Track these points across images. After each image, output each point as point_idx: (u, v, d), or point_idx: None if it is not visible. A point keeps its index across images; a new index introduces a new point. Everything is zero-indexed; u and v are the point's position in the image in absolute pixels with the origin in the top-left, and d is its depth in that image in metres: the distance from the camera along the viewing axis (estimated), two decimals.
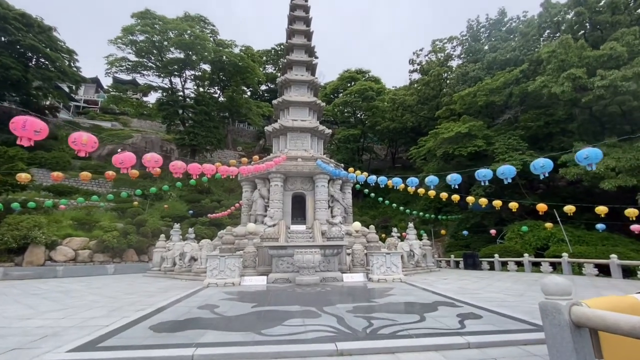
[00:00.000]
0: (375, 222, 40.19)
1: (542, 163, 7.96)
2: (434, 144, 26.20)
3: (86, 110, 62.72)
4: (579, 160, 8.18)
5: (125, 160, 9.23)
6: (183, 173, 11.62)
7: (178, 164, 11.56)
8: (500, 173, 7.68)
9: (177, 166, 11.37)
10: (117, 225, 26.39)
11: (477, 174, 9.05)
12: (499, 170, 7.82)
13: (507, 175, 7.64)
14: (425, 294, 8.39)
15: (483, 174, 8.86)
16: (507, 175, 7.61)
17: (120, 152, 8.10)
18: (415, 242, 16.70)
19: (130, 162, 9.26)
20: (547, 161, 8.22)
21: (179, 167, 11.36)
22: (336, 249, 11.67)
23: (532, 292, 9.22)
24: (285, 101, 21.99)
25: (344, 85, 46.81)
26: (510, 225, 23.98)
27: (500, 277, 14.49)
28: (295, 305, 6.97)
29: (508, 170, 7.57)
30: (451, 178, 10.77)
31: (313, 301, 7.47)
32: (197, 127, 41.92)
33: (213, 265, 10.45)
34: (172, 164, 11.52)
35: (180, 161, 12.08)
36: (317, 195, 18.76)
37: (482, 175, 8.87)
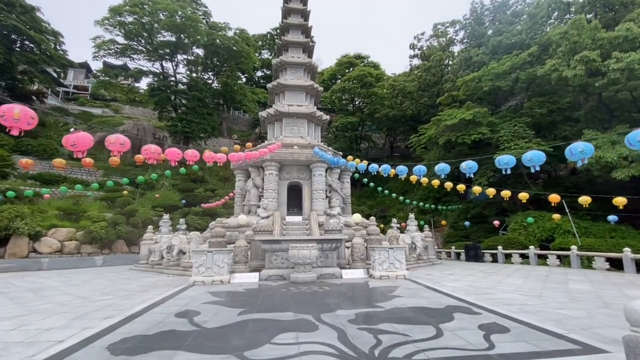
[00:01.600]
0: (374, 212, 39.45)
1: (529, 156, 7.02)
2: (436, 132, 25.17)
3: (76, 96, 60.73)
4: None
5: (79, 142, 7.56)
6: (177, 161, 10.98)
7: (174, 151, 10.83)
8: (528, 160, 6.75)
9: (173, 153, 10.55)
10: (106, 216, 25.35)
11: (498, 160, 8.08)
12: (526, 156, 6.89)
13: (535, 162, 6.72)
14: (435, 296, 7.53)
15: (505, 161, 7.91)
16: (536, 163, 6.69)
17: (73, 132, 6.87)
18: (417, 234, 15.87)
19: (86, 143, 7.63)
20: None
21: (176, 155, 10.59)
22: (335, 243, 10.77)
23: (549, 292, 8.40)
24: (281, 85, 20.75)
25: (342, 71, 45.30)
26: (514, 216, 23.23)
27: (507, 271, 13.73)
28: (289, 311, 6.07)
29: (537, 157, 6.63)
30: (438, 168, 9.79)
31: (309, 305, 6.58)
32: (189, 113, 40.50)
33: (199, 262, 9.51)
34: (168, 151, 10.75)
35: (176, 148, 11.29)
36: (314, 184, 17.78)
37: (504, 162, 7.92)
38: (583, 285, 9.58)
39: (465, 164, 8.66)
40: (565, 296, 7.83)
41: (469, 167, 8.56)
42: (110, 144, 8.66)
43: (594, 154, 17.30)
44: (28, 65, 36.22)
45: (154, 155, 10.14)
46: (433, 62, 34.42)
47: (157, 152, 10.23)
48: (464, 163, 8.77)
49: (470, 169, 8.53)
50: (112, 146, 8.78)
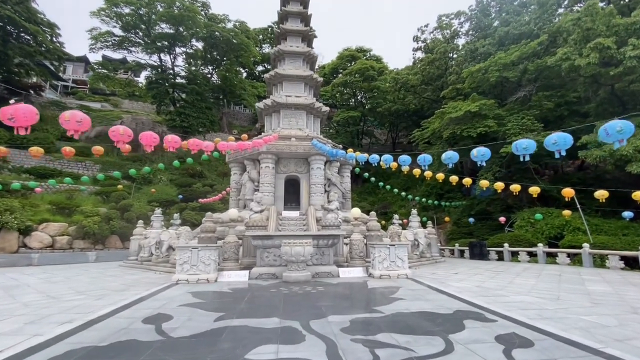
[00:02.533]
0: (375, 208, 38.67)
1: (554, 139, 6.17)
2: (440, 125, 24.27)
3: (74, 90, 60.08)
4: (610, 134, 6.36)
5: (18, 116, 6.39)
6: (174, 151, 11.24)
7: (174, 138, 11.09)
8: (552, 143, 5.90)
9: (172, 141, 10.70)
10: (100, 210, 24.70)
11: (516, 145, 7.24)
12: (550, 138, 6.02)
13: (560, 146, 5.87)
14: (441, 298, 6.75)
15: (524, 146, 7.07)
16: (561, 147, 5.85)
17: (12, 104, 6.06)
18: (420, 231, 15.07)
19: (27, 118, 6.52)
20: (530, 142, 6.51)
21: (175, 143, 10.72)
22: (331, 239, 10.00)
23: (566, 294, 7.60)
24: (279, 75, 19.92)
25: (344, 65, 44.33)
26: (520, 212, 22.37)
27: (515, 270, 12.93)
28: (274, 316, 5.31)
29: (562, 140, 5.77)
30: (445, 156, 8.96)
31: (298, 309, 5.82)
32: (188, 107, 39.78)
33: (183, 259, 8.77)
34: (167, 138, 10.94)
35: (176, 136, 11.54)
36: (313, 178, 17.00)
37: (522, 147, 7.08)
38: (601, 287, 8.78)
39: (477, 151, 7.84)
40: (586, 299, 7.03)
41: (481, 154, 7.74)
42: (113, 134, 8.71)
43: (607, 148, 16.50)
44: (24, 57, 35.50)
45: (152, 142, 9.91)
46: (437, 54, 33.41)
47: (155, 139, 10.02)
48: (475, 150, 7.95)
49: (483, 156, 7.71)
50: (115, 136, 8.76)
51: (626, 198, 19.83)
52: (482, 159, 7.79)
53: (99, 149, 12.57)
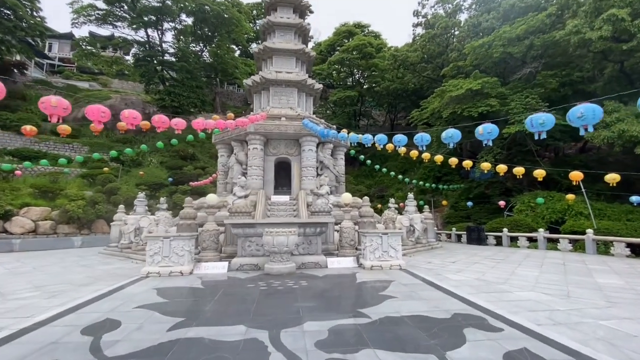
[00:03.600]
0: (372, 191, 38.00)
1: (580, 111, 5.34)
2: (439, 104, 23.12)
3: (61, 69, 57.71)
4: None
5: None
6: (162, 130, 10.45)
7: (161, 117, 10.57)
8: (576, 117, 4.95)
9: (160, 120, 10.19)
10: (86, 194, 23.78)
11: (531, 120, 6.27)
12: (575, 110, 5.04)
13: (588, 120, 4.91)
14: (437, 296, 5.98)
15: (540, 121, 6.11)
16: (588, 122, 4.91)
17: None
18: (417, 216, 14.29)
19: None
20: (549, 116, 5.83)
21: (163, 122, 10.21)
22: (319, 227, 9.17)
23: (576, 288, 6.87)
24: (268, 49, 18.54)
25: (341, 42, 42.34)
26: (520, 196, 21.63)
27: (516, 257, 12.25)
28: (242, 323, 4.51)
29: (591, 112, 4.84)
30: (446, 135, 8.02)
31: (273, 312, 5.03)
32: (178, 86, 38.18)
33: (154, 250, 7.94)
34: (155, 118, 10.50)
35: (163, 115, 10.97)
36: (304, 161, 16.03)
37: (538, 123, 6.12)
38: (611, 279, 8.07)
39: (483, 128, 6.87)
40: (599, 296, 6.30)
41: (487, 131, 6.77)
42: (90, 113, 8.33)
43: (616, 129, 15.57)
44: (3, 34, 33.41)
45: (133, 121, 9.65)
46: (438, 29, 31.69)
47: (137, 117, 9.74)
48: (480, 127, 6.98)
49: (490, 134, 6.76)
50: (126, 119, 8.85)
51: (631, 182, 19.11)
52: (489, 137, 6.86)
53: (65, 129, 11.52)
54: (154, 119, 11.74)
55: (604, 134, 15.75)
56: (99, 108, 8.57)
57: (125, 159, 31.98)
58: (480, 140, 8.01)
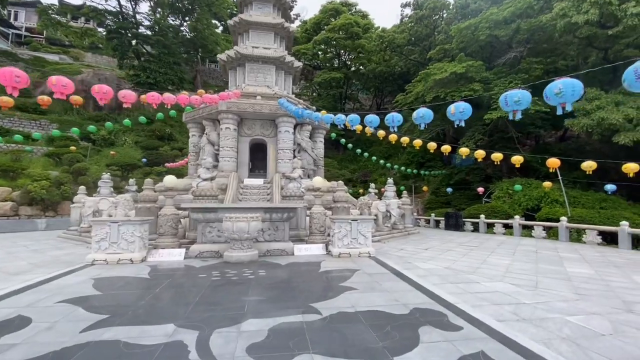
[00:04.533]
0: (355, 176, 37.71)
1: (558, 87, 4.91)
2: (423, 88, 22.57)
3: (29, 39, 53.79)
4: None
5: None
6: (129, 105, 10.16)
7: (127, 92, 10.27)
8: (554, 94, 4.43)
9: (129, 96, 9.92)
10: (51, 174, 22.45)
11: (506, 98, 5.77)
12: (552, 88, 4.52)
13: (566, 98, 4.38)
14: (400, 288, 5.58)
15: (515, 99, 5.62)
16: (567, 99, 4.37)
17: None
18: (394, 202, 13.95)
19: None
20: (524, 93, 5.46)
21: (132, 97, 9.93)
22: (287, 212, 8.63)
23: (545, 278, 6.63)
24: (244, 21, 17.37)
25: (327, 20, 40.74)
26: (499, 182, 21.65)
27: (490, 244, 12.12)
28: (173, 321, 3.97)
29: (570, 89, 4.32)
30: (417, 115, 7.45)
31: (214, 307, 4.51)
32: (154, 62, 36.13)
33: (100, 235, 7.24)
34: (121, 92, 10.20)
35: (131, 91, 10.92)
36: (280, 142, 15.31)
37: (513, 101, 5.61)
38: (582, 268, 7.92)
39: (455, 107, 6.33)
40: (568, 286, 6.06)
41: (459, 110, 6.23)
42: (52, 85, 7.93)
43: (596, 117, 15.45)
44: None
45: (105, 96, 9.19)
46: (426, 10, 30.78)
47: (109, 93, 9.27)
48: (452, 105, 6.44)
49: (462, 114, 6.23)
50: (97, 94, 8.52)
51: (605, 170, 19.31)
52: (461, 117, 6.34)
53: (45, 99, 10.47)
54: (120, 93, 11.15)
55: (584, 122, 15.64)
56: (12, 71, 7.26)
57: (96, 138, 30.36)
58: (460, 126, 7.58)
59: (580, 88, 4.58)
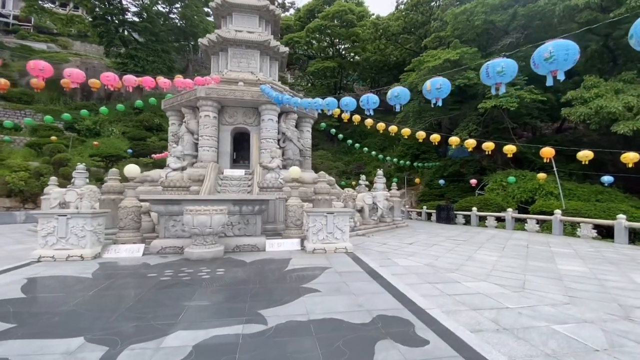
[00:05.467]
0: (349, 168, 37.11)
1: (499, 67, 4.33)
2: (416, 77, 21.77)
3: (16, 27, 52.23)
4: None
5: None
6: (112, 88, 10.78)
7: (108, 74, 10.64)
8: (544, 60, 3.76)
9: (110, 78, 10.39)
10: (31, 165, 21.69)
11: (487, 68, 5.05)
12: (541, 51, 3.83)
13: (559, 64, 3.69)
14: (369, 289, 4.95)
15: (498, 69, 4.85)
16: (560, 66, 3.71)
17: None
18: (380, 194, 13.30)
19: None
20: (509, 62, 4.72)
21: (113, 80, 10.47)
22: (258, 204, 7.95)
23: (534, 277, 6.03)
24: (227, 3, 16.44)
25: (320, 7, 39.52)
26: (492, 174, 21.04)
27: (480, 238, 11.54)
28: (83, 335, 3.32)
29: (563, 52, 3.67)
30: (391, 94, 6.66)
31: (145, 314, 3.86)
32: (141, 50, 35.03)
33: (47, 229, 6.56)
34: (103, 75, 10.51)
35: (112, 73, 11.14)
36: (263, 131, 14.58)
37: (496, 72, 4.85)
38: (574, 265, 7.33)
39: (431, 83, 5.62)
40: (558, 287, 5.46)
41: (436, 87, 5.51)
42: (30, 69, 8.28)
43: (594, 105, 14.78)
44: None
45: (77, 80, 9.36)
46: None
47: (81, 76, 9.46)
48: (428, 82, 5.72)
49: (439, 91, 5.51)
50: (32, 71, 8.34)
51: (602, 162, 18.72)
52: (438, 94, 5.63)
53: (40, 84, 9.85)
54: (102, 76, 10.63)
55: (581, 110, 14.97)
56: (37, 64, 8.24)
57: (80, 128, 29.46)
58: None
59: (575, 51, 3.90)
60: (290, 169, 8.92)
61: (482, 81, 5.22)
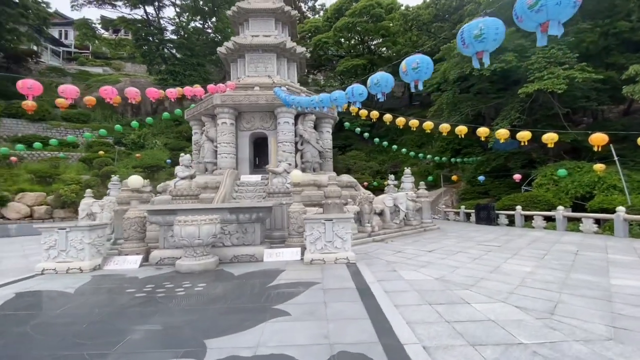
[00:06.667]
0: (384, 167, 35.79)
1: (376, 79, 3.22)
2: (447, 65, 20.10)
3: (77, 55, 58.54)
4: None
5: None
6: None
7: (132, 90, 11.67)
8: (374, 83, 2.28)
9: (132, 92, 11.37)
10: (82, 178, 23.75)
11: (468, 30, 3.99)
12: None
13: None
14: (349, 314, 4.22)
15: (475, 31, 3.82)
16: None
17: None
18: (401, 195, 12.22)
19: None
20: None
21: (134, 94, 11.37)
22: (255, 212, 7.54)
23: (572, 296, 4.81)
24: (242, 10, 16.50)
25: (348, 5, 38.71)
26: (542, 168, 18.60)
27: (519, 243, 10.02)
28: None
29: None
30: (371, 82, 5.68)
31: (85, 341, 3.56)
32: (179, 65, 37.04)
33: (49, 243, 6.77)
34: (127, 90, 11.57)
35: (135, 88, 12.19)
36: (280, 135, 14.29)
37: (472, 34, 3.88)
38: (634, 279, 5.85)
39: (406, 63, 4.67)
40: (602, 312, 4.25)
41: (412, 67, 4.54)
42: (19, 88, 8.49)
43: None
44: (11, 22, 33.06)
45: (70, 95, 9.82)
46: None
47: (74, 91, 9.88)
48: (404, 62, 4.78)
49: (417, 72, 4.57)
50: (21, 90, 8.60)
51: None
52: (417, 76, 4.58)
53: (90, 99, 11.12)
54: (101, 89, 11.12)
55: None
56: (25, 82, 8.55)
57: (127, 142, 31.88)
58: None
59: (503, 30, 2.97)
60: (292, 172, 8.41)
61: (460, 51, 4.20)
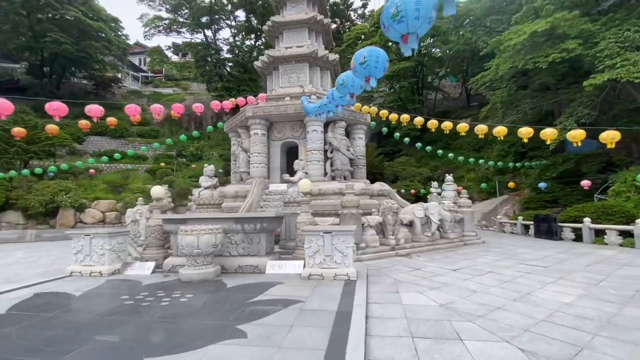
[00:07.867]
0: (437, 174, 33.66)
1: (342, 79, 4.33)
2: (498, 61, 18.14)
3: (152, 79, 66.54)
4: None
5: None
6: None
7: (157, 106, 12.54)
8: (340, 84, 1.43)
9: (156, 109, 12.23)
10: (147, 187, 26.49)
11: None
12: None
13: None
14: (307, 344, 3.74)
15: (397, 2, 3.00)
16: None
17: None
18: (433, 205, 11.09)
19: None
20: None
21: (158, 109, 12.25)
22: (259, 222, 7.43)
23: (609, 340, 3.71)
24: (276, 23, 16.96)
25: None
26: (622, 172, 15.52)
27: (574, 264, 8.33)
28: None
29: None
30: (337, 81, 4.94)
31: (48, 344, 3.71)
32: (233, 81, 39.69)
33: (77, 247, 7.49)
34: (153, 106, 12.48)
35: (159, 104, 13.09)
36: (309, 143, 14.24)
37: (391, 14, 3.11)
38: None
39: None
40: None
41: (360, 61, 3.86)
42: (47, 109, 9.28)
43: None
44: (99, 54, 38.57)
45: (95, 114, 10.55)
46: None
47: (99, 111, 10.64)
48: (352, 59, 4.12)
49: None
50: (49, 111, 9.33)
51: None
52: (366, 72, 3.87)
53: (112, 121, 13.63)
54: (174, 106, 13.14)
55: None
56: (51, 105, 9.34)
57: (187, 154, 34.95)
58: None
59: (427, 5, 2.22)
60: (301, 181, 8.15)
61: (384, 32, 3.43)
